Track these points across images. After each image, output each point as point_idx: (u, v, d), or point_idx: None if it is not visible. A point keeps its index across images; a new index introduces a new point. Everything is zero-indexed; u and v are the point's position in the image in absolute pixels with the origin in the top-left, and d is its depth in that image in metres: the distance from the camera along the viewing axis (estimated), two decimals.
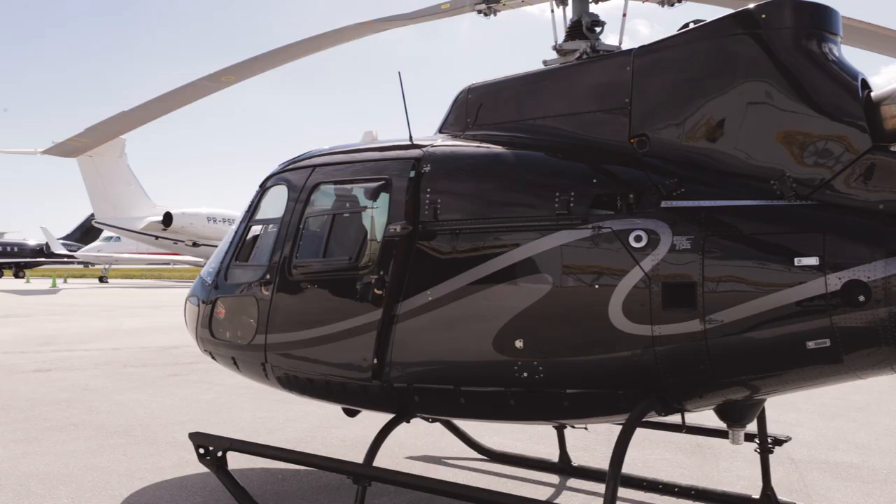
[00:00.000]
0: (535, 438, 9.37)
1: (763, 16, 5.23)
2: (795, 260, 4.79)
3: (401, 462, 8.52)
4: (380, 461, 7.95)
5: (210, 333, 7.45)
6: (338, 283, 6.41)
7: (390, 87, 6.66)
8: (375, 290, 6.02)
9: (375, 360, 6.03)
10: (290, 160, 7.33)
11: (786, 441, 6.95)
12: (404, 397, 6.09)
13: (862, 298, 4.64)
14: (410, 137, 6.49)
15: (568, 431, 8.25)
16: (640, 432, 8.31)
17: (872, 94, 5.09)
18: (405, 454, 8.86)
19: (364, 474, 6.00)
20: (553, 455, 8.19)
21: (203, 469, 7.25)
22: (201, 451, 6.95)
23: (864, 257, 4.67)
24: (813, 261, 4.75)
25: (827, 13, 5.27)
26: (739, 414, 5.71)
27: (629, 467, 7.96)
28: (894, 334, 4.62)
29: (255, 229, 7.42)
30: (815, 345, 4.78)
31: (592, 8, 6.71)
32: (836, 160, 4.93)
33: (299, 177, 6.96)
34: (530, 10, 7.90)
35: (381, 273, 6.01)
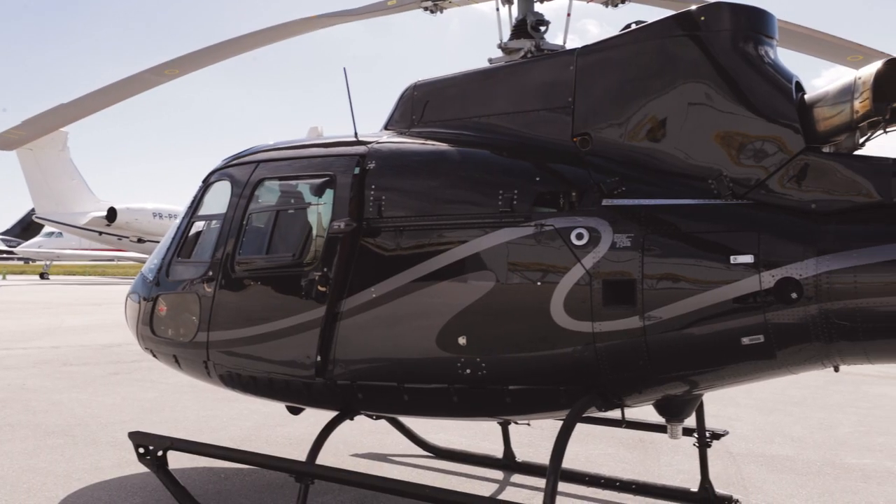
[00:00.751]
0: (481, 435, 9.42)
1: (702, 18, 5.33)
2: (731, 258, 4.90)
3: (346, 460, 8.49)
4: (325, 459, 7.92)
5: (151, 331, 7.32)
6: (281, 279, 6.35)
7: (343, 83, 6.62)
8: (319, 287, 5.99)
9: (319, 358, 5.99)
10: (233, 156, 7.24)
11: (723, 435, 7.11)
12: (348, 395, 6.07)
13: (794, 296, 4.77)
14: (356, 134, 6.46)
15: (513, 427, 8.31)
16: (583, 428, 8.48)
17: (806, 96, 5.23)
18: (351, 452, 8.84)
19: (306, 472, 5.97)
20: (498, 451, 8.25)
21: (143, 469, 7.12)
22: (141, 450, 6.83)
23: (797, 256, 4.79)
24: (748, 259, 4.86)
25: (763, 17, 5.39)
26: (678, 409, 5.82)
27: (572, 462, 8.09)
28: (825, 330, 4.76)
29: (198, 225, 7.32)
30: (750, 341, 4.89)
31: (537, 7, 6.77)
32: (770, 161, 5.05)
33: (243, 172, 6.88)
34: (480, 8, 7.92)
35: (325, 270, 5.98)
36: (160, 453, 6.78)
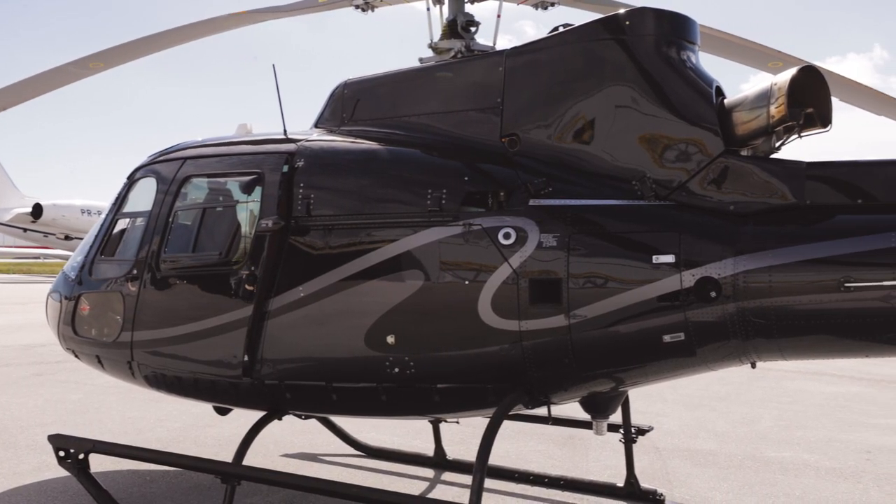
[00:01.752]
0: (413, 433, 9.44)
1: (627, 22, 5.44)
2: (653, 258, 5.02)
3: (276, 460, 8.41)
4: (254, 459, 7.86)
5: (73, 331, 7.14)
6: (208, 278, 6.26)
7: (284, 79, 6.54)
8: (246, 286, 5.92)
9: (246, 357, 5.92)
10: (159, 152, 7.10)
11: (648, 430, 7.27)
12: (276, 394, 6.02)
13: (713, 294, 4.90)
14: (285, 131, 6.41)
15: (444, 425, 8.35)
16: (515, 425, 8.57)
17: (725, 100, 5.38)
18: (281, 452, 8.76)
19: (233, 473, 5.89)
20: (429, 449, 8.27)
21: (65, 473, 6.94)
22: (61, 453, 6.65)
23: (716, 256, 4.93)
24: (669, 259, 4.98)
25: (686, 22, 5.53)
26: (603, 405, 5.93)
27: (503, 459, 8.17)
28: (742, 328, 4.91)
29: (122, 223, 7.15)
30: (671, 338, 5.02)
31: (468, 8, 6.81)
32: (691, 163, 5.18)
33: (169, 169, 6.75)
34: (415, 6, 7.92)
35: (253, 268, 5.91)
36: (81, 456, 6.62)
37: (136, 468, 8.00)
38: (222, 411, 7.06)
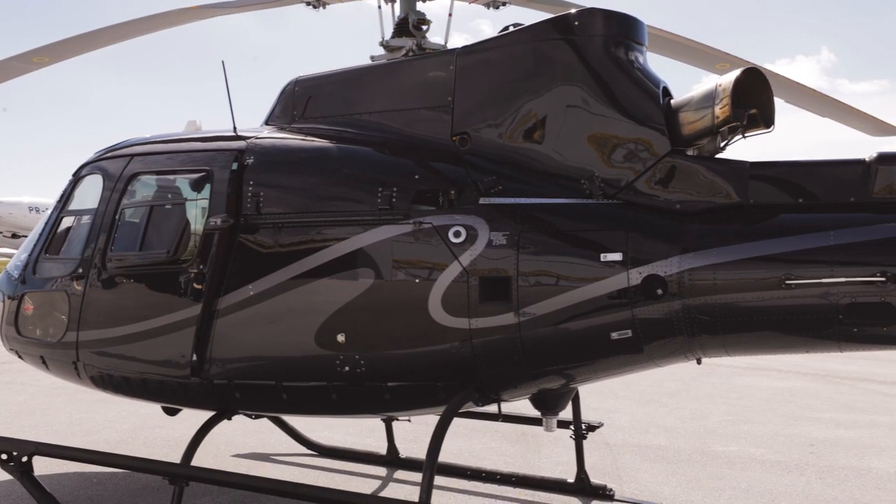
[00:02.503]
0: (366, 432, 9.42)
1: (576, 23, 5.50)
2: (601, 256, 5.08)
3: (227, 460, 8.33)
4: (205, 460, 7.77)
5: (16, 331, 6.98)
6: (155, 277, 6.17)
7: (240, 75, 6.45)
8: (195, 285, 5.85)
9: (195, 357, 5.86)
10: (106, 148, 6.97)
11: (598, 427, 7.36)
12: (225, 394, 5.96)
13: (659, 292, 4.98)
14: (235, 129, 6.34)
15: (398, 423, 8.34)
16: (468, 423, 8.61)
17: (672, 101, 5.47)
18: (232, 452, 8.68)
19: (180, 474, 5.82)
20: (382, 448, 8.26)
21: (7, 476, 6.78)
22: (3, 456, 6.49)
23: (662, 254, 5.01)
24: (617, 257, 5.05)
25: (633, 24, 5.61)
26: (552, 402, 5.99)
27: (456, 457, 8.20)
28: (687, 325, 5.00)
29: (68, 221, 7.01)
30: (619, 336, 5.09)
31: (419, 6, 6.81)
32: (639, 162, 5.26)
33: (116, 166, 6.64)
34: (367, 4, 7.89)
35: (201, 267, 5.84)
36: (24, 459, 6.46)
37: (82, 471, 7.85)
38: (171, 412, 6.97)
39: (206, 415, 6.23)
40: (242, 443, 9.03)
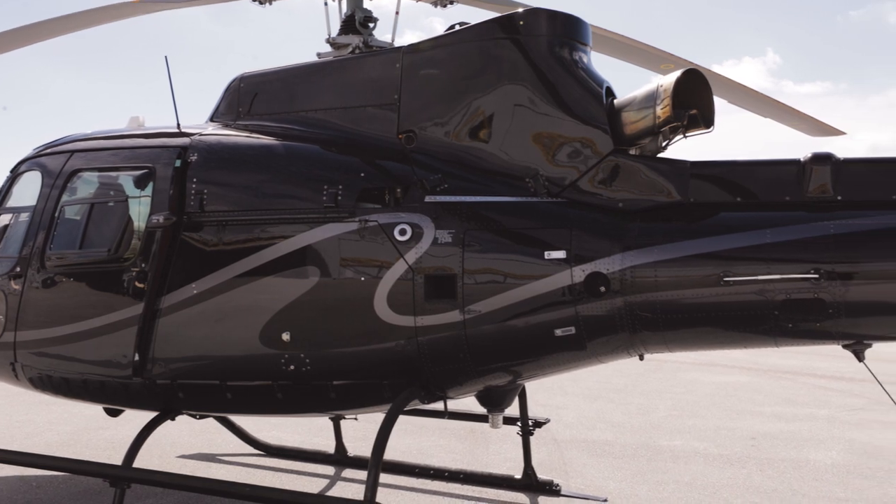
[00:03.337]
0: (315, 431, 9.37)
1: (521, 22, 5.54)
2: (545, 253, 5.13)
3: (172, 461, 8.22)
4: (150, 461, 7.66)
5: None
6: (96, 275, 6.06)
7: (191, 71, 6.34)
8: (136, 284, 5.77)
9: (136, 357, 5.77)
10: (45, 144, 6.83)
11: (545, 423, 7.43)
12: (168, 394, 5.89)
13: (602, 289, 5.05)
14: (178, 125, 6.26)
15: (347, 422, 8.32)
16: (417, 420, 8.61)
17: (615, 101, 5.54)
18: (178, 453, 8.56)
19: (121, 476, 5.74)
20: (331, 446, 8.23)
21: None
22: None
23: (605, 251, 5.08)
24: (560, 254, 5.11)
25: (577, 24, 5.67)
26: (498, 399, 6.03)
27: (405, 455, 8.21)
28: (630, 322, 5.07)
29: (5, 218, 6.84)
30: (562, 332, 5.15)
31: (366, 4, 6.78)
32: (582, 161, 5.32)
33: (55, 162, 6.50)
34: (314, 0, 7.84)
35: (143, 265, 5.76)
36: None
37: (22, 474, 7.68)
38: (113, 413, 6.86)
39: (150, 416, 6.14)
40: (189, 443, 8.92)
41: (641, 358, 5.53)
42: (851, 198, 4.91)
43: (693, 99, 5.34)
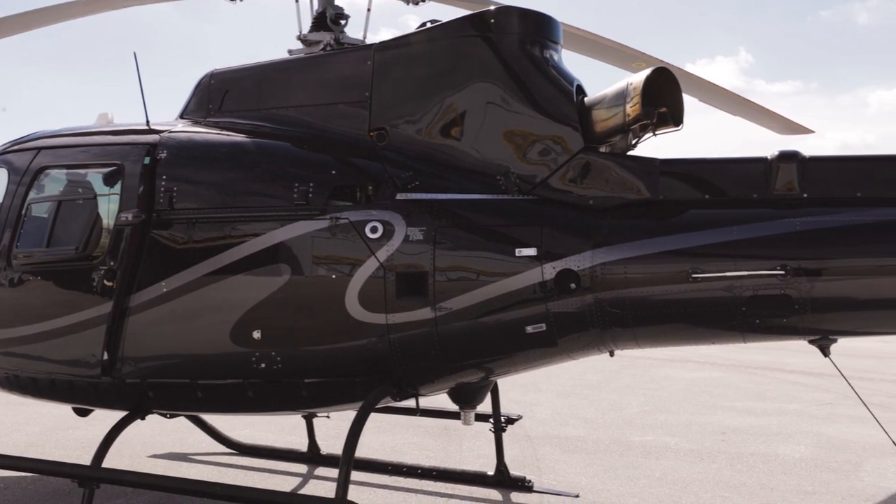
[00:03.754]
0: (288, 429, 9.33)
1: (492, 20, 5.55)
2: (516, 251, 5.15)
3: (143, 461, 8.15)
4: (120, 461, 7.60)
5: None
6: (64, 274, 6.00)
7: (163, 69, 6.29)
8: (105, 282, 5.72)
9: (106, 356, 5.72)
10: (11, 141, 6.73)
11: (518, 419, 7.47)
12: (138, 393, 5.85)
13: (573, 286, 5.08)
14: (147, 122, 6.21)
15: (320, 420, 8.30)
16: (389, 418, 8.61)
17: (585, 99, 5.57)
18: (149, 452, 8.50)
19: (89, 476, 5.68)
20: (303, 445, 8.21)
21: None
22: None
23: (575, 248, 5.11)
24: (531, 252, 5.13)
25: (548, 22, 5.70)
26: (470, 396, 6.05)
27: (378, 452, 8.21)
28: (600, 318, 5.11)
29: None
30: (533, 329, 5.17)
31: (338, 1, 6.75)
32: (553, 159, 5.35)
33: (22, 160, 6.41)
34: None
35: (112, 264, 5.71)
36: None
37: None
38: (82, 413, 6.79)
39: (120, 415, 6.09)
40: (160, 443, 8.86)
41: (612, 354, 5.57)
42: (817, 195, 4.98)
43: (662, 97, 5.37)
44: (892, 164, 5.04)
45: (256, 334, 5.45)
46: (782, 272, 4.80)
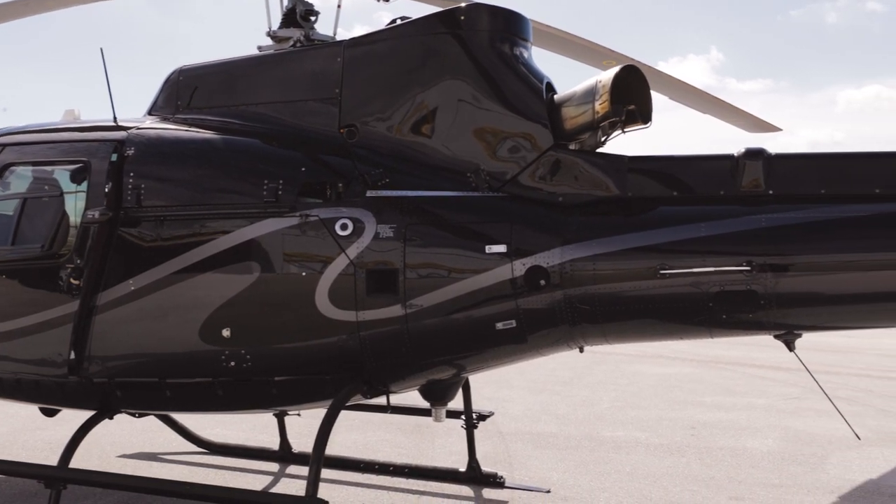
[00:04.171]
0: (260, 427, 9.28)
1: (462, 17, 5.56)
2: (486, 248, 5.17)
3: (112, 461, 8.07)
4: (89, 462, 7.52)
5: None
6: (30, 272, 5.92)
7: (138, 66, 6.22)
8: (72, 280, 5.66)
9: (73, 355, 5.66)
10: None
11: (489, 416, 7.49)
12: (105, 393, 5.79)
13: (542, 283, 5.11)
14: (115, 118, 6.14)
15: (292, 418, 8.26)
16: (362, 416, 8.60)
17: (555, 96, 5.60)
18: (119, 452, 8.42)
19: (56, 476, 5.62)
20: (275, 443, 8.17)
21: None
22: None
23: (545, 245, 5.14)
24: (501, 248, 5.15)
25: (518, 20, 5.72)
26: (441, 393, 6.06)
27: (350, 450, 8.20)
28: (569, 314, 5.14)
29: None
30: (503, 326, 5.19)
31: None
32: (523, 156, 5.37)
33: None
34: None
35: (79, 262, 5.65)
36: None
37: None
38: (49, 413, 6.71)
39: (88, 415, 6.02)
40: (130, 442, 8.78)
41: (581, 350, 5.60)
42: (782, 192, 5.04)
43: (631, 95, 5.42)
44: (854, 162, 5.13)
45: (226, 332, 5.41)
46: (748, 268, 4.86)
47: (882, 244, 4.87)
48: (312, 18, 6.59)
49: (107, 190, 5.69)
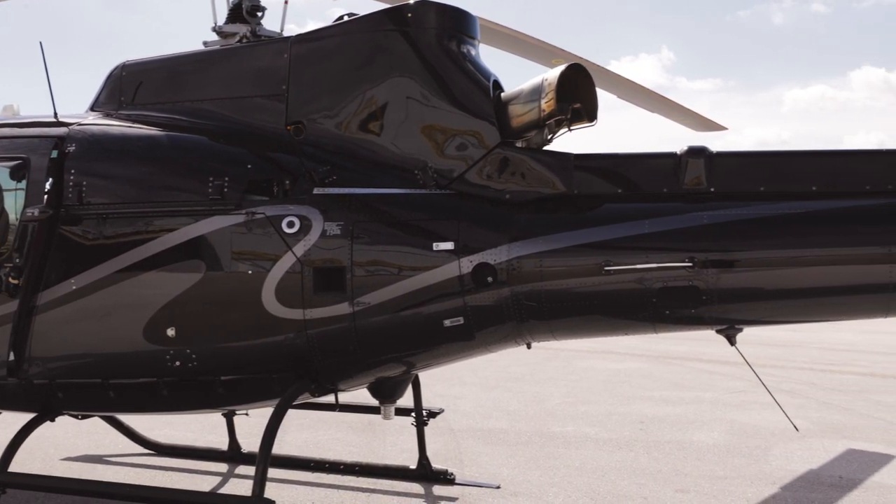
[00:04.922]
0: (209, 428, 9.17)
1: (410, 14, 5.57)
2: (434, 245, 5.19)
3: (56, 464, 7.90)
4: (31, 465, 7.36)
5: None
6: None
7: (80, 59, 6.08)
8: (10, 280, 5.53)
9: (12, 356, 5.53)
10: None
11: (440, 413, 7.50)
12: (46, 394, 5.68)
13: (490, 279, 5.14)
14: (55, 114, 6.01)
15: (240, 418, 8.19)
16: (313, 414, 8.56)
17: (502, 94, 5.63)
18: (63, 455, 8.24)
19: None
20: (224, 443, 8.08)
21: None
22: None
23: (492, 242, 5.18)
24: (449, 246, 5.17)
25: (465, 17, 5.74)
26: (389, 390, 6.05)
27: (301, 449, 8.15)
28: (517, 311, 5.18)
29: None
30: (451, 323, 5.21)
31: None
32: (470, 153, 5.40)
33: None
34: None
35: (17, 261, 5.52)
36: None
37: None
38: None
39: (29, 417, 5.90)
40: (74, 445, 8.60)
41: (529, 346, 5.65)
42: (723, 189, 5.15)
43: (578, 93, 5.48)
44: (793, 160, 5.25)
45: (171, 332, 5.35)
46: (690, 264, 4.95)
47: (819, 240, 5.01)
48: (259, 14, 6.51)
49: (47, 187, 5.57)
